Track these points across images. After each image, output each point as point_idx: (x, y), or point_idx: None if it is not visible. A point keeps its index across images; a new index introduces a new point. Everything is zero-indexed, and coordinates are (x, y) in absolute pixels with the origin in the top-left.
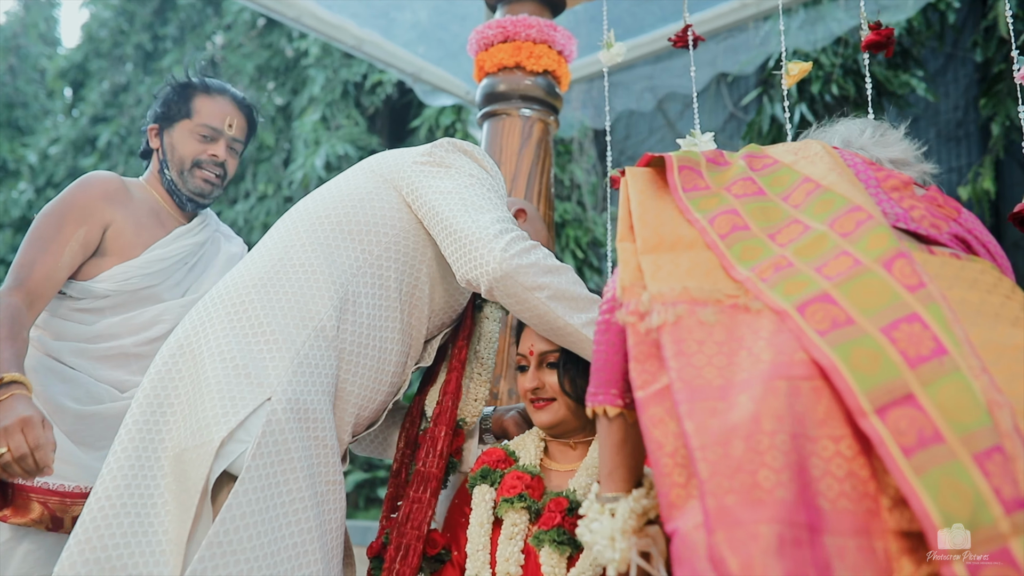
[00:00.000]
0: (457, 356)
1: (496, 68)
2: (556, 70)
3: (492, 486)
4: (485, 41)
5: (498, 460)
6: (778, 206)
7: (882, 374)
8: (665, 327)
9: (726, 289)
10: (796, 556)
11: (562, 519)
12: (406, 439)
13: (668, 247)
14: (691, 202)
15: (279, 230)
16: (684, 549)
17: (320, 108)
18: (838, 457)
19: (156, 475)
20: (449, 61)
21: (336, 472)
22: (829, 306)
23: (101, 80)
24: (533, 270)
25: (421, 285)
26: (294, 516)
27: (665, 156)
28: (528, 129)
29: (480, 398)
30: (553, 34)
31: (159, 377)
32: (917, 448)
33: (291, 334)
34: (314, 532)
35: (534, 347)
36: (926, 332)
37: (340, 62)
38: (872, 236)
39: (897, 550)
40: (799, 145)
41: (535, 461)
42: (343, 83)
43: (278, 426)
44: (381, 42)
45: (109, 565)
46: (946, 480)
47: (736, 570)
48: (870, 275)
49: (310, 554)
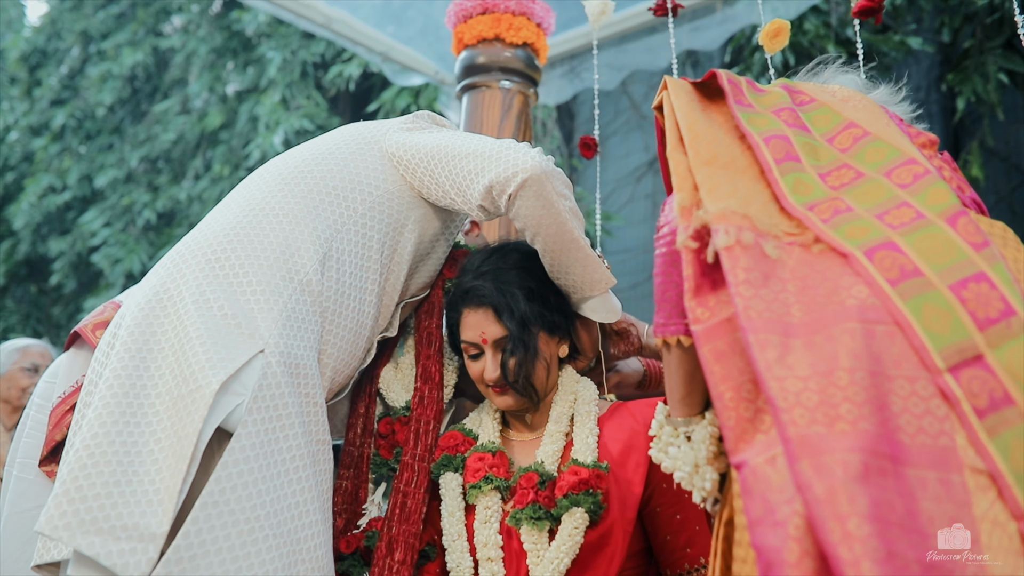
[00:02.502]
0: (434, 342)
1: (475, 40)
2: (535, 42)
3: (457, 472)
4: (464, 13)
5: (457, 444)
6: (823, 146)
7: (953, 334)
8: (733, 250)
9: (783, 226)
10: (881, 484)
11: (535, 494)
12: (363, 427)
13: (723, 165)
14: (742, 114)
15: (253, 183)
16: (755, 481)
17: (279, 89)
18: (914, 396)
19: (141, 424)
20: (418, 40)
21: (325, 431)
22: (896, 254)
23: (59, 63)
24: (562, 179)
25: (401, 251)
26: (295, 474)
27: (711, 71)
28: (508, 101)
29: (450, 384)
30: (532, 6)
31: (137, 326)
32: (989, 411)
33: (278, 286)
34: (313, 491)
35: (486, 334)
36: (994, 292)
37: (299, 43)
38: (932, 190)
39: (975, 486)
40: (828, 86)
41: (494, 437)
42: (302, 64)
43: (273, 379)
44: (350, 21)
45: (90, 516)
46: (1017, 442)
47: (822, 495)
48: (935, 228)
49: (312, 513)
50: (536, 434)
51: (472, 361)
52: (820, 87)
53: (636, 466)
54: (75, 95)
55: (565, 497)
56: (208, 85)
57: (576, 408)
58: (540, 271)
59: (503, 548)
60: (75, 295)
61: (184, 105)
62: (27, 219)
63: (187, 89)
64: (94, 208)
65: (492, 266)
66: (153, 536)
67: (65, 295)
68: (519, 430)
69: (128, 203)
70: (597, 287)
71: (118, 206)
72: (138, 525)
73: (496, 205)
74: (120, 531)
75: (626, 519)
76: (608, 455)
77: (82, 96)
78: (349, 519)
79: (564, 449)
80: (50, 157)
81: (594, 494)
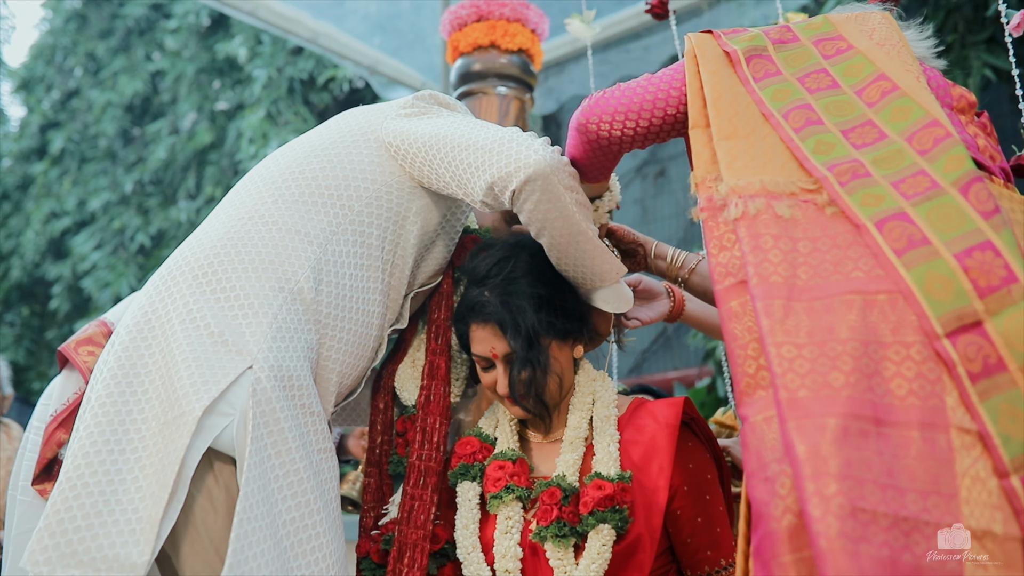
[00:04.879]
0: (441, 335)
1: (471, 48)
2: (530, 48)
3: (474, 481)
4: (459, 21)
5: (474, 451)
6: (852, 100)
7: (954, 301)
8: (743, 219)
9: (801, 183)
10: (859, 445)
11: (559, 510)
12: (383, 424)
13: (743, 136)
14: (764, 92)
15: (244, 188)
16: (751, 436)
17: (265, 105)
18: (908, 360)
19: (127, 451)
20: (405, 52)
21: (327, 439)
22: (906, 224)
23: (50, 88)
24: (569, 171)
25: (404, 243)
26: (289, 490)
27: (729, 51)
28: (505, 107)
29: (460, 378)
30: (526, 12)
31: (124, 350)
32: (983, 375)
33: (267, 297)
34: (316, 504)
35: (496, 349)
36: (998, 260)
37: (285, 60)
38: (949, 157)
39: (960, 444)
40: (866, 20)
41: (513, 443)
42: (288, 80)
43: (264, 396)
44: (336, 34)
45: (71, 550)
46: (1006, 406)
47: (803, 455)
48: (947, 198)
49: (315, 526)
50: (554, 436)
51: (484, 372)
52: (860, 25)
53: (659, 470)
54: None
55: (591, 515)
56: (196, 105)
57: (595, 412)
58: (552, 272)
59: (522, 561)
60: (67, 318)
61: (174, 125)
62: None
63: (176, 107)
64: (85, 231)
65: (500, 273)
66: (134, 566)
67: (59, 319)
68: (537, 430)
69: (120, 226)
70: (608, 277)
71: (109, 229)
72: (119, 556)
73: (499, 201)
74: (100, 563)
75: (652, 526)
76: (630, 461)
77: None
78: (378, 516)
79: (584, 456)
80: (50, 182)
81: (620, 510)
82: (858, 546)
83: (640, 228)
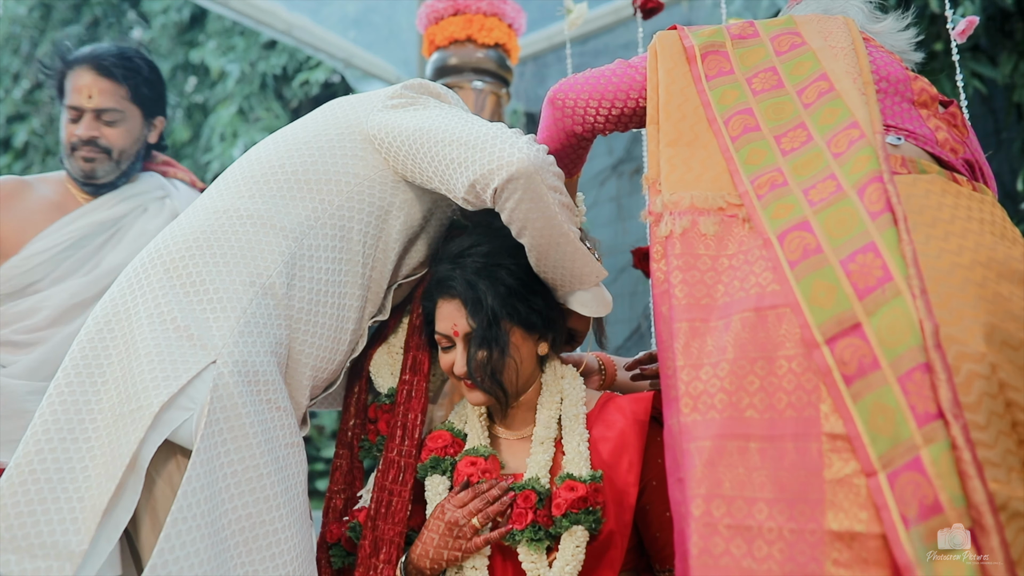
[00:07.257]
0: None
1: (447, 41)
2: (507, 43)
3: (445, 475)
4: (435, 15)
5: (446, 445)
6: (791, 101)
7: (835, 307)
8: (671, 238)
9: (729, 197)
10: (731, 461)
11: (534, 514)
12: (356, 407)
13: (686, 143)
14: (713, 93)
15: (224, 181)
16: (669, 439)
17: (237, 101)
18: (790, 374)
19: (79, 440)
20: (380, 45)
21: (294, 434)
22: (805, 234)
23: (18, 78)
24: (554, 171)
25: (387, 237)
26: (247, 486)
27: (687, 46)
28: (481, 102)
29: (439, 372)
30: (503, 7)
31: (89, 341)
32: (857, 376)
33: (237, 292)
34: (279, 499)
35: (458, 327)
36: (877, 260)
37: (258, 55)
38: (857, 158)
39: (829, 449)
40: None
41: (484, 439)
42: (261, 76)
43: (226, 391)
44: (311, 27)
45: (11, 535)
46: (876, 404)
47: (686, 477)
48: (845, 203)
49: (277, 520)
50: (523, 432)
51: (444, 353)
52: (820, 26)
53: (629, 467)
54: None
55: (564, 517)
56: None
57: (564, 410)
58: (527, 262)
59: (488, 556)
60: None
61: None
62: None
63: None
64: None
65: (472, 253)
66: (71, 555)
67: None
68: (506, 426)
69: None
70: (588, 280)
71: None
72: (57, 543)
73: (481, 199)
74: (38, 549)
75: (623, 523)
76: (599, 459)
77: (43, 111)
78: (348, 498)
79: (554, 456)
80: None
81: (594, 511)
82: (718, 560)
83: (615, 225)
